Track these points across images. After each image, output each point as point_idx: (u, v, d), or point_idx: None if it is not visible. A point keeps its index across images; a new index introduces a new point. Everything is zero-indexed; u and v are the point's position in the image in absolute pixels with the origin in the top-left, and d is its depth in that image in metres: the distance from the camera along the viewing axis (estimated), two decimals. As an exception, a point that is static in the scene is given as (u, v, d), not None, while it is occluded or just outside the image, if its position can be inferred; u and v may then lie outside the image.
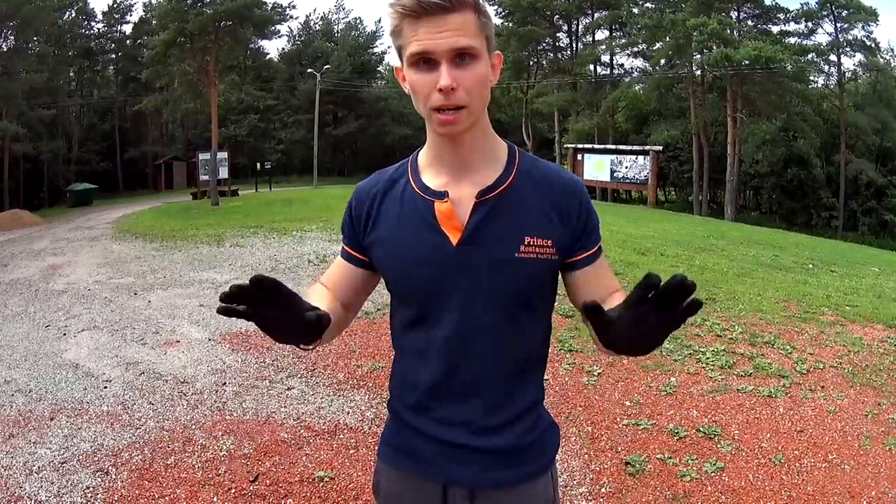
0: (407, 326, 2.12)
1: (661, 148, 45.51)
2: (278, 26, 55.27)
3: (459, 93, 1.84)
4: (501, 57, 2.03)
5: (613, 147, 46.17)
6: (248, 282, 1.54)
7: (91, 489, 5.23)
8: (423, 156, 2.11)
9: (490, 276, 1.95)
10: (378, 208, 2.10)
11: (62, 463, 5.70)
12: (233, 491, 5.18)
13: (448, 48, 1.81)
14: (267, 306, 1.61)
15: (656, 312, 1.53)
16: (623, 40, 64.78)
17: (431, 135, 2.03)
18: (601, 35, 68.22)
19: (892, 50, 65.71)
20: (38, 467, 5.62)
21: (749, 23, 56.68)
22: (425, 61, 1.84)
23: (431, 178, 2.05)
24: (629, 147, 45.49)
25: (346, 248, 2.18)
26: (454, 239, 1.97)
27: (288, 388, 7.38)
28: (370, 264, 2.14)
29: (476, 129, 1.97)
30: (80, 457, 5.81)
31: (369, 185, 2.18)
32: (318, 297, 2.07)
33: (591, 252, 2.06)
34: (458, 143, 1.98)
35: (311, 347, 1.90)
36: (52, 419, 6.69)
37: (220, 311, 1.56)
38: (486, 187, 1.99)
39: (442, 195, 1.99)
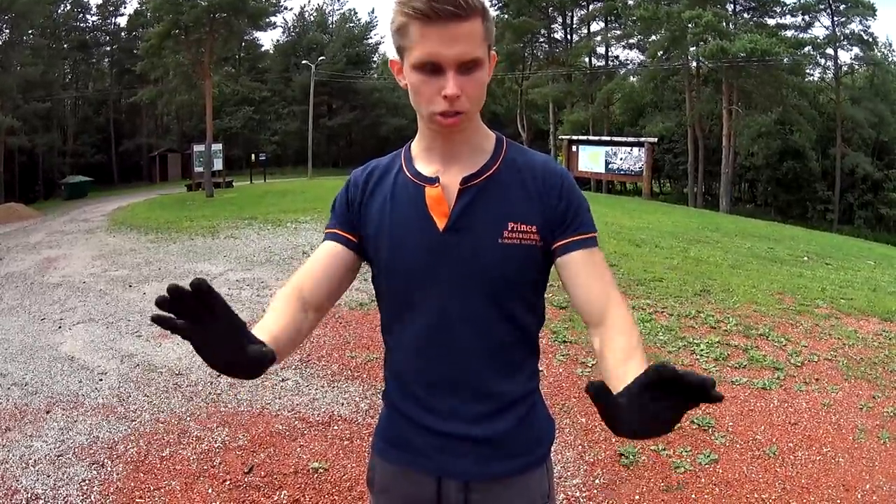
0: (394, 314, 2.12)
1: (656, 140, 45.52)
2: (273, 18, 55.31)
3: (462, 100, 1.86)
4: (496, 56, 2.02)
5: (608, 139, 46.03)
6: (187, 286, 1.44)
7: (87, 482, 5.24)
8: (415, 145, 2.13)
9: (475, 262, 1.97)
10: (372, 191, 2.12)
11: (58, 456, 5.70)
12: (227, 482, 5.19)
13: (455, 58, 1.82)
14: (206, 323, 1.49)
15: (668, 398, 1.40)
16: (618, 32, 64.93)
17: (423, 127, 2.04)
18: (596, 27, 68.46)
19: (889, 44, 65.75)
20: (35, 460, 5.63)
21: (745, 15, 56.73)
22: (432, 67, 1.84)
23: (424, 166, 2.06)
24: (624, 139, 45.34)
25: (335, 230, 2.16)
26: (441, 224, 1.98)
27: (282, 380, 7.39)
28: (358, 246, 2.13)
29: (471, 123, 2.00)
30: (76, 449, 5.82)
31: (365, 170, 2.20)
32: (276, 314, 1.95)
33: (577, 238, 2.02)
34: (451, 137, 1.99)
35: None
36: (47, 412, 6.70)
37: (154, 319, 1.43)
38: (471, 174, 2.01)
39: (433, 181, 2.01)
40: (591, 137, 48.79)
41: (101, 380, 7.58)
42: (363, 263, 2.18)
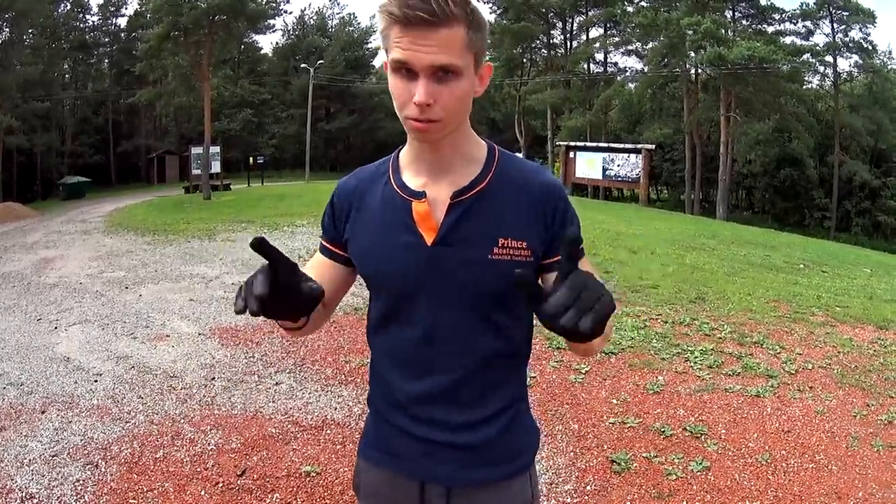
0: (382, 324, 2.12)
1: (653, 146, 45.45)
2: (272, 20, 55.36)
3: (435, 109, 1.82)
4: (491, 69, 2.01)
5: (606, 145, 46.01)
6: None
7: (81, 482, 5.25)
8: (404, 155, 2.10)
9: (463, 277, 1.95)
10: (358, 204, 2.11)
11: (53, 456, 5.71)
12: (220, 485, 5.19)
13: (428, 64, 1.78)
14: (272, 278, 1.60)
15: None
16: (617, 38, 65.05)
17: (409, 135, 2.00)
18: (595, 33, 68.45)
19: (889, 52, 65.83)
20: (29, 460, 5.63)
21: (744, 22, 56.81)
22: (406, 70, 1.81)
23: (411, 178, 2.04)
24: (622, 145, 45.38)
25: (325, 243, 2.18)
26: (429, 239, 1.96)
27: (276, 384, 7.40)
28: (349, 260, 2.14)
29: (454, 133, 1.96)
30: (71, 450, 5.83)
31: (351, 181, 2.18)
32: None
33: None
34: (435, 146, 1.97)
35: (297, 326, 1.98)
36: (43, 412, 6.70)
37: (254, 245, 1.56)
38: (461, 188, 1.98)
39: (420, 195, 1.99)
40: (588, 144, 48.73)
41: (96, 381, 7.58)
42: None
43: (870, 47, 54.48)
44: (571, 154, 43.94)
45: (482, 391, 2.05)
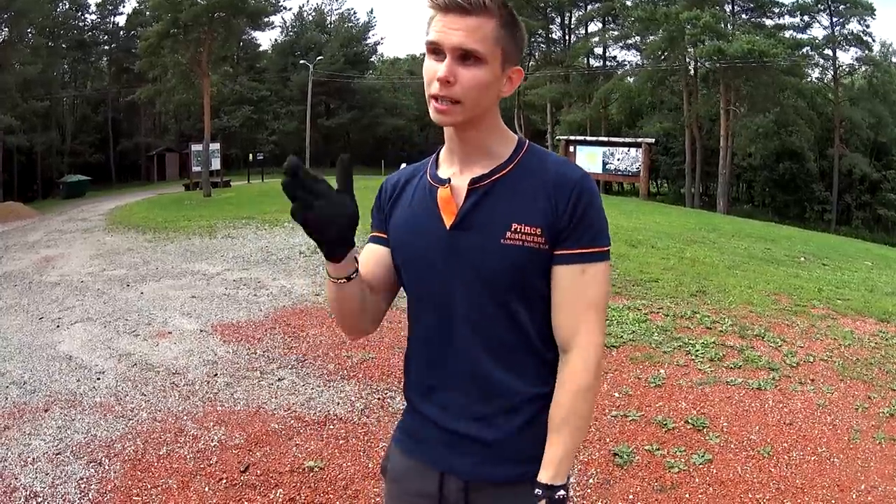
0: (410, 309, 2.21)
1: (653, 140, 45.36)
2: (272, 17, 55.28)
3: (455, 88, 1.93)
4: (522, 73, 2.08)
5: (606, 139, 45.95)
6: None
7: (85, 480, 5.26)
8: (443, 151, 2.23)
9: (476, 261, 2.02)
10: (399, 194, 2.25)
11: (56, 454, 5.72)
12: (224, 481, 5.20)
13: (453, 45, 1.91)
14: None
15: None
16: (616, 33, 64.92)
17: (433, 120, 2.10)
18: (594, 27, 68.47)
19: (889, 44, 65.77)
20: (33, 458, 5.65)
21: (743, 16, 56.76)
22: (436, 51, 1.96)
23: (445, 170, 2.17)
24: (621, 139, 45.24)
25: (375, 233, 2.30)
26: (448, 223, 2.05)
27: (279, 379, 7.40)
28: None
29: (480, 127, 2.07)
30: (74, 448, 5.84)
31: (395, 176, 2.35)
32: None
33: (575, 252, 2.00)
34: (461, 138, 2.10)
35: (342, 278, 2.03)
36: (46, 411, 6.71)
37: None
38: (479, 175, 2.07)
39: (444, 181, 2.10)
40: (588, 138, 48.73)
41: (98, 379, 7.59)
42: None
43: (869, 40, 54.50)
44: (571, 148, 43.84)
45: (502, 379, 2.07)
